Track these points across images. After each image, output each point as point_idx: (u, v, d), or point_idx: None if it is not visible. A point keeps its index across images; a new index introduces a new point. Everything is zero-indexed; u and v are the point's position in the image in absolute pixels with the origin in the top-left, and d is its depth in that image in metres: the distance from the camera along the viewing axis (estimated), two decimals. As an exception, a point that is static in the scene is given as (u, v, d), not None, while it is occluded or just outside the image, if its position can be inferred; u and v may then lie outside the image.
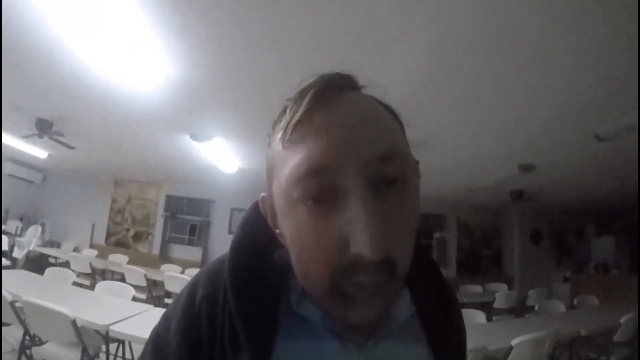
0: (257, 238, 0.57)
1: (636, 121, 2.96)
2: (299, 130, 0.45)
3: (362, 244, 0.40)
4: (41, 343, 2.80)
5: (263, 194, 0.56)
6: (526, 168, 4.84)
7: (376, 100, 0.51)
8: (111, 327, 2.50)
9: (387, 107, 0.51)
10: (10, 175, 7.59)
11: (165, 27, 2.36)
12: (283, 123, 0.48)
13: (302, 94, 0.47)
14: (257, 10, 2.17)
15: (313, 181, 0.43)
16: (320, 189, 0.43)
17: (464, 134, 3.87)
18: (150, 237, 8.25)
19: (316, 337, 0.51)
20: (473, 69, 2.62)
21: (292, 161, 0.45)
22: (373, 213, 0.41)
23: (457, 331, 0.64)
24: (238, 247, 0.55)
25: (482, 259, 8.34)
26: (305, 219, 0.44)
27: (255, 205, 0.60)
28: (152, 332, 0.57)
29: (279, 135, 0.48)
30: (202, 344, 0.50)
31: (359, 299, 0.43)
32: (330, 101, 0.46)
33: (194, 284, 0.56)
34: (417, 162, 0.51)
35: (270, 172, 0.51)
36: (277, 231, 0.53)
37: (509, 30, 2.18)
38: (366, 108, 0.47)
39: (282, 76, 2.75)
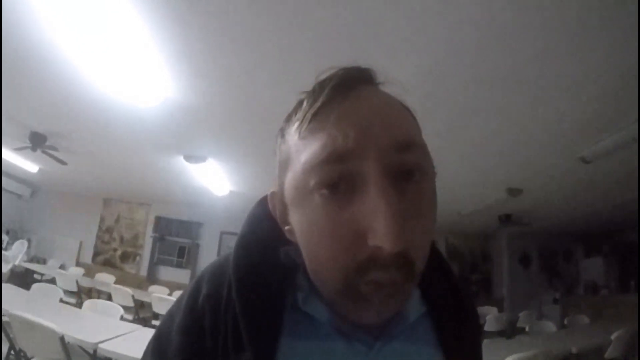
0: (263, 234, 0.55)
1: (621, 143, 3.03)
2: (317, 120, 0.44)
3: (381, 235, 0.38)
4: (26, 359, 2.73)
5: (273, 189, 0.54)
6: (514, 192, 4.89)
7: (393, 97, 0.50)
8: (99, 346, 2.46)
9: (403, 106, 0.50)
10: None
11: (167, 50, 2.42)
12: (300, 115, 0.47)
13: (321, 86, 0.46)
14: (255, 36, 2.23)
15: (332, 166, 0.41)
16: (338, 175, 0.41)
17: (452, 160, 3.92)
18: (138, 258, 8.11)
19: (322, 337, 0.49)
20: (461, 95, 2.70)
21: (310, 148, 0.43)
22: (393, 203, 0.39)
23: (471, 332, 0.59)
24: (243, 244, 0.54)
25: (472, 283, 8.31)
26: (319, 210, 0.42)
27: (261, 202, 0.60)
28: (154, 332, 0.57)
29: (296, 126, 0.47)
30: (204, 344, 0.49)
31: (374, 299, 0.42)
32: (350, 94, 0.45)
33: (198, 282, 0.55)
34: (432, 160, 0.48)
35: (284, 164, 0.50)
36: (287, 228, 0.52)
37: (497, 58, 2.25)
38: (385, 100, 0.47)
39: (278, 102, 2.78)
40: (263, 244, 0.54)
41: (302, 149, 0.45)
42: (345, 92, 0.45)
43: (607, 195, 5.04)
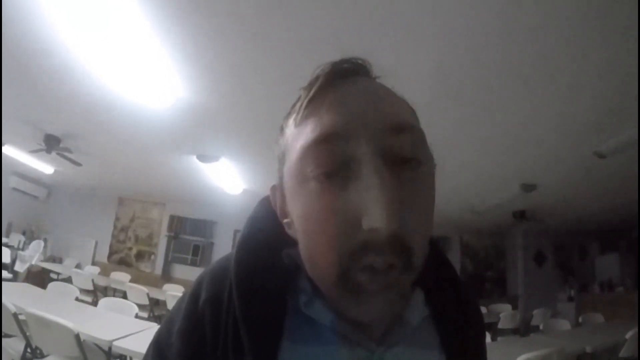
0: (264, 236, 0.55)
1: (635, 137, 2.98)
2: (311, 107, 0.45)
3: (375, 216, 0.37)
4: (42, 356, 2.78)
5: (274, 183, 0.54)
6: (528, 188, 4.82)
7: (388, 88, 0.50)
8: (114, 343, 2.49)
9: (399, 96, 0.50)
10: (15, 189, 7.65)
11: (178, 50, 2.43)
12: (297, 106, 0.48)
13: (316, 77, 0.47)
14: (264, 35, 2.23)
15: (325, 148, 0.41)
16: (333, 159, 0.41)
17: (465, 156, 3.89)
18: (152, 257, 8.21)
19: (324, 341, 0.48)
20: (473, 91, 2.66)
21: (304, 133, 0.44)
22: (387, 184, 0.39)
23: (475, 337, 0.59)
24: (245, 246, 0.53)
25: (486, 281, 8.24)
26: (315, 195, 0.42)
27: (262, 202, 0.60)
28: (154, 336, 0.56)
29: (292, 117, 0.48)
30: (205, 348, 0.48)
31: (371, 290, 0.40)
32: (343, 82, 0.46)
33: (197, 285, 0.54)
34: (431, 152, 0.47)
35: (282, 155, 0.50)
36: (286, 220, 0.51)
37: (508, 52, 2.22)
38: (379, 88, 0.47)
39: (290, 100, 2.76)
40: (265, 246, 0.53)
41: (297, 136, 0.46)
42: (339, 81, 0.46)
43: (622, 191, 4.93)
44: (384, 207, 0.37)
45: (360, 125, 0.42)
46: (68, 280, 5.86)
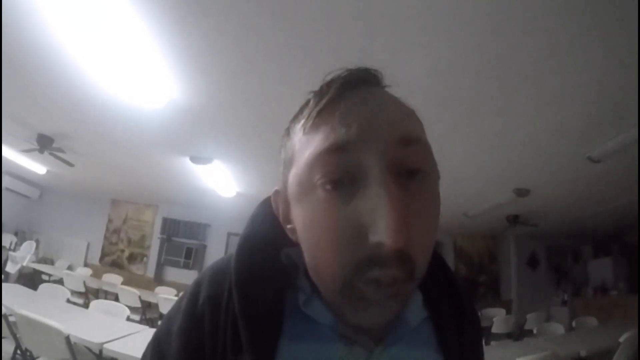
0: (265, 236, 0.55)
1: (629, 142, 2.99)
2: (322, 116, 0.45)
3: (383, 231, 0.37)
4: (32, 358, 2.75)
5: (276, 187, 0.54)
6: (521, 193, 4.84)
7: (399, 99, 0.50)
8: (105, 346, 2.47)
9: (409, 107, 0.50)
10: (7, 189, 7.58)
11: (171, 51, 2.43)
12: (306, 112, 0.47)
13: (328, 85, 0.47)
14: (260, 36, 2.23)
15: (334, 158, 0.42)
16: (341, 169, 0.41)
17: (459, 160, 3.89)
18: (145, 259, 8.16)
19: (322, 340, 0.48)
20: (467, 95, 2.68)
21: (314, 141, 0.44)
22: (395, 199, 0.38)
23: (472, 338, 0.59)
24: (245, 245, 0.54)
25: (480, 285, 8.25)
26: (321, 205, 0.42)
27: (264, 203, 0.59)
28: (153, 335, 0.56)
29: (301, 123, 0.48)
30: (204, 347, 0.48)
31: (373, 299, 0.41)
32: (355, 93, 0.46)
33: (197, 285, 0.54)
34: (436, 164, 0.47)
35: (288, 161, 0.50)
36: (289, 226, 0.51)
37: (503, 57, 2.24)
38: (390, 100, 0.48)
39: (284, 102, 2.79)
40: (265, 245, 0.54)
41: (305, 144, 0.45)
42: (351, 91, 0.46)
43: (616, 195, 4.97)
44: (392, 221, 0.37)
45: (370, 137, 0.42)
46: (59, 281, 5.81)
